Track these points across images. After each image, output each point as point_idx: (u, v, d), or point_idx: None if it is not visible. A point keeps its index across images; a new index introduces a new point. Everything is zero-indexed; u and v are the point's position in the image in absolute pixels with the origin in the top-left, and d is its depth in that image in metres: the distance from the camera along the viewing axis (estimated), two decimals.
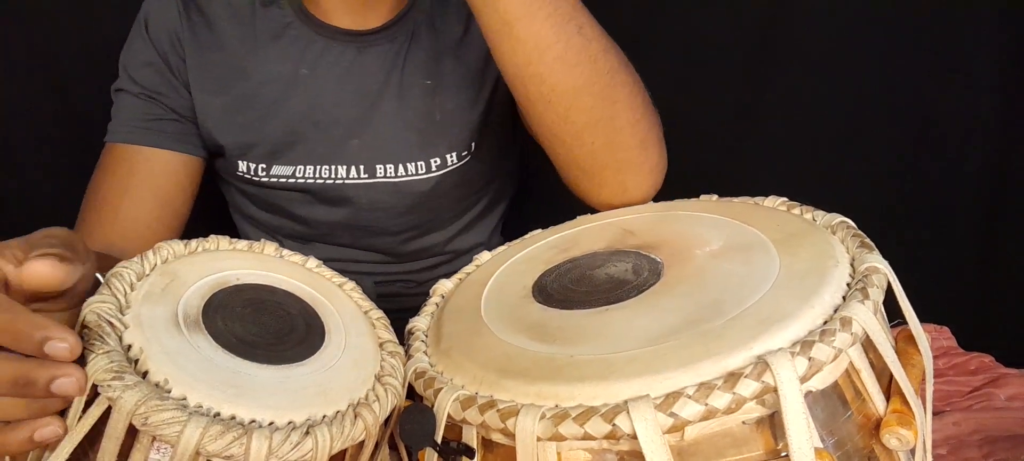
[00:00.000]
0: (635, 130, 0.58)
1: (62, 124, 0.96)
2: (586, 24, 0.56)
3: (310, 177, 0.76)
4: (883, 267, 0.40)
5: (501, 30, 0.54)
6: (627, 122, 0.58)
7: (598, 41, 0.56)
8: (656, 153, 0.61)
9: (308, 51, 0.75)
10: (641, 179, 0.60)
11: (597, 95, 0.56)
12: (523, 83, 0.56)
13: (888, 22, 0.98)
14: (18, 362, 0.34)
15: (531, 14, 0.53)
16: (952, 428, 0.78)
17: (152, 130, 0.74)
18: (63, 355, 0.34)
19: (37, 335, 0.34)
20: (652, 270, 0.46)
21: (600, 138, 0.58)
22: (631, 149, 0.59)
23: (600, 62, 0.56)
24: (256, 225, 0.84)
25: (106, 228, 0.71)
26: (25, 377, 0.34)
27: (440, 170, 0.78)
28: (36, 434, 0.35)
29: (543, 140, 0.61)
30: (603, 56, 0.56)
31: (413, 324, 0.50)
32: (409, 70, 0.76)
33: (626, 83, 0.58)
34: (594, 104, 0.56)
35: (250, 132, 0.75)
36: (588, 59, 0.55)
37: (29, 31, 0.93)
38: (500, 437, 0.38)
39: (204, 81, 0.75)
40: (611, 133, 0.57)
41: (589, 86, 0.55)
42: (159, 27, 0.75)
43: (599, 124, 0.57)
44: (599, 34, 0.56)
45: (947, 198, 1.03)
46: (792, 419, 0.33)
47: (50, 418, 0.36)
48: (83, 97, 0.92)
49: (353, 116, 0.75)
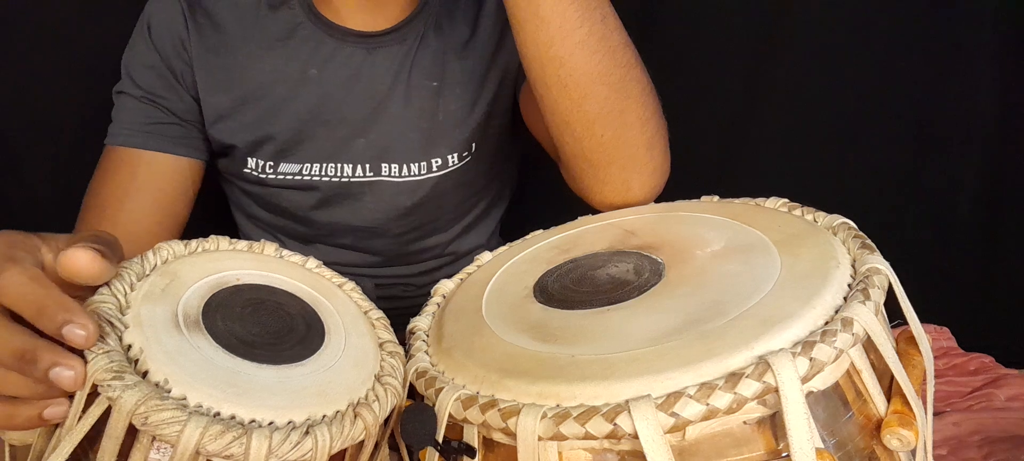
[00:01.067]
0: (644, 128, 0.59)
1: (62, 124, 0.96)
2: (609, 14, 0.57)
3: (317, 175, 0.77)
4: (884, 268, 0.40)
5: (527, 7, 0.55)
6: (637, 118, 0.58)
7: (619, 33, 0.57)
8: (661, 155, 0.62)
9: (318, 52, 0.75)
10: (644, 179, 0.60)
11: (612, 86, 0.56)
12: (542, 65, 0.57)
13: (888, 22, 0.98)
14: (27, 337, 0.35)
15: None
16: (952, 429, 0.78)
17: (153, 134, 0.74)
18: (78, 342, 0.35)
19: (61, 316, 0.35)
20: (653, 270, 0.46)
21: (610, 131, 0.58)
22: (638, 146, 0.59)
23: (619, 54, 0.56)
24: (259, 225, 0.84)
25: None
26: (30, 354, 0.35)
27: (441, 171, 0.78)
28: (45, 412, 0.36)
29: (553, 128, 0.61)
30: (622, 49, 0.57)
31: (414, 324, 0.50)
32: (416, 71, 0.76)
33: (640, 80, 0.58)
34: (609, 94, 0.56)
35: (259, 129, 0.75)
36: (608, 48, 0.56)
37: (29, 31, 0.93)
38: (501, 436, 0.38)
39: (212, 83, 0.75)
40: (621, 128, 0.58)
41: (606, 75, 0.56)
42: (162, 31, 0.75)
43: (611, 116, 0.57)
44: (620, 27, 0.57)
45: (947, 198, 1.03)
46: (793, 419, 0.33)
47: (61, 398, 0.36)
48: (84, 97, 0.92)
49: (360, 116, 0.76)
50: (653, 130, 0.60)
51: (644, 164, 0.60)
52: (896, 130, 1.02)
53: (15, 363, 0.35)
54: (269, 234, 0.83)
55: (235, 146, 0.76)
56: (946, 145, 1.02)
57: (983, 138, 1.01)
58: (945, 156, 1.02)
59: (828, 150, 1.04)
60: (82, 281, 0.38)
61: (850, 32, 1.00)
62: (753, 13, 1.01)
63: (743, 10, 1.01)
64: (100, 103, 0.77)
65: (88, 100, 0.82)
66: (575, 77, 0.56)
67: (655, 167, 0.61)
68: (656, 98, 0.61)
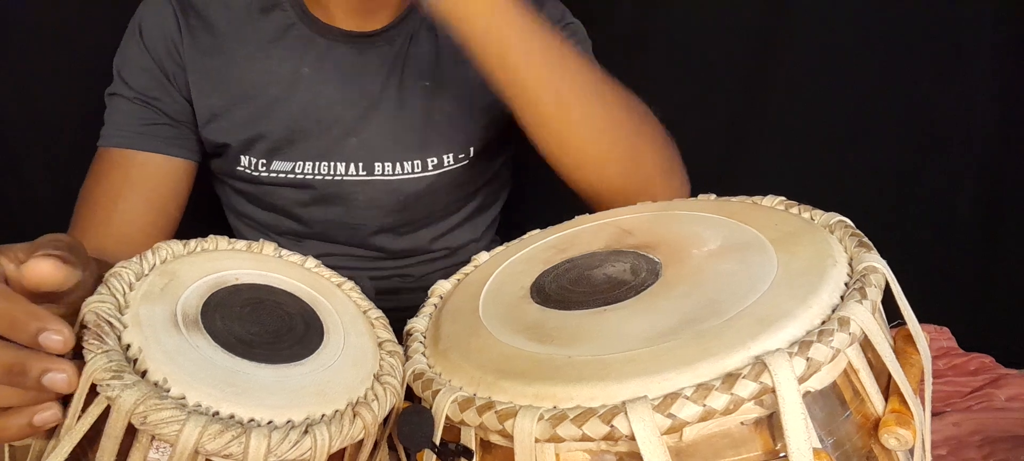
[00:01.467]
0: (657, 160, 0.66)
1: (62, 124, 0.96)
2: (607, 91, 0.64)
3: (309, 173, 0.77)
4: (881, 266, 0.40)
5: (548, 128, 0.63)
6: (649, 161, 0.65)
7: (620, 109, 0.64)
8: (679, 178, 0.67)
9: (310, 52, 0.76)
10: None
11: (620, 159, 0.64)
12: (557, 157, 0.65)
13: (888, 22, 0.98)
14: (13, 350, 0.35)
15: (576, 121, 0.62)
16: (952, 429, 0.78)
17: (146, 135, 0.74)
18: (56, 347, 0.35)
19: (33, 325, 0.35)
20: (650, 270, 0.46)
21: (620, 180, 0.64)
22: (653, 177, 0.65)
23: (625, 128, 0.64)
24: (251, 224, 0.84)
25: (99, 233, 0.71)
26: (19, 366, 0.35)
27: (437, 170, 0.78)
28: (35, 418, 0.36)
29: (565, 179, 0.67)
30: (625, 122, 0.64)
31: (411, 325, 0.50)
32: (408, 71, 0.76)
33: (643, 132, 0.65)
34: (618, 162, 0.64)
35: (252, 128, 0.76)
36: (613, 130, 0.64)
37: (29, 31, 0.93)
38: (498, 438, 0.38)
39: (205, 85, 0.75)
40: (634, 175, 0.65)
41: (612, 153, 0.64)
42: (154, 33, 0.75)
43: (621, 164, 0.64)
44: (618, 98, 0.64)
45: (947, 198, 1.03)
46: (790, 419, 0.33)
47: (49, 403, 0.36)
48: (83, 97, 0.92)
49: (353, 115, 0.76)
50: (664, 159, 0.65)
51: (662, 192, 0.64)
52: (896, 130, 1.02)
53: (7, 377, 0.35)
54: (262, 233, 0.83)
55: (228, 145, 0.76)
56: (946, 145, 1.02)
57: (983, 138, 1.01)
58: (945, 156, 1.02)
59: (828, 150, 1.04)
60: (49, 288, 0.38)
61: (850, 32, 1.00)
62: (753, 13, 1.01)
63: (743, 10, 1.01)
64: (100, 103, 0.77)
65: (88, 100, 0.82)
66: (589, 156, 0.64)
67: (675, 188, 0.66)
68: (656, 128, 0.66)
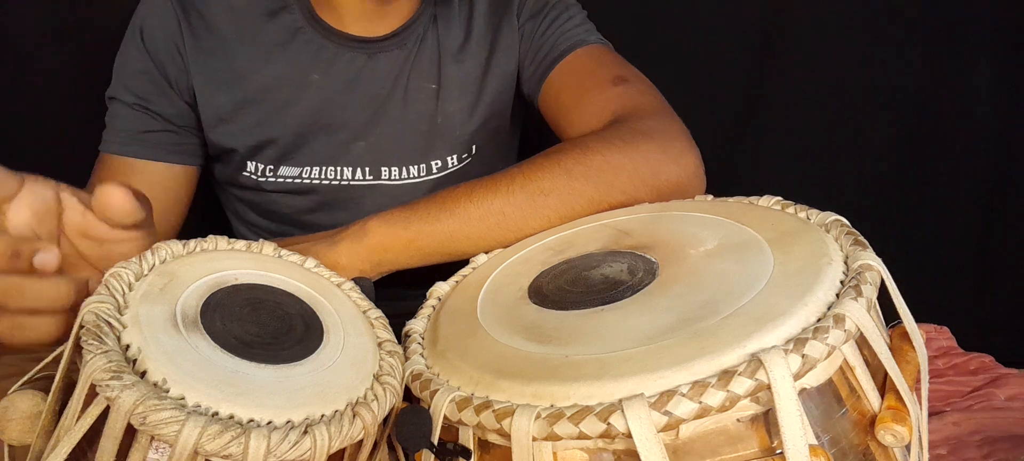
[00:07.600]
0: (656, 177, 0.61)
1: (62, 124, 0.96)
2: (547, 175, 0.59)
3: (316, 178, 0.77)
4: (876, 264, 0.40)
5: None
6: (643, 183, 0.61)
7: (576, 176, 0.59)
8: (693, 162, 0.63)
9: (319, 57, 0.75)
10: (685, 180, 0.62)
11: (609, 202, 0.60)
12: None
13: (888, 22, 0.98)
14: (7, 236, 0.39)
15: None
16: (952, 428, 0.78)
17: (146, 143, 0.74)
18: (51, 264, 0.39)
19: (26, 248, 0.39)
20: (647, 270, 0.46)
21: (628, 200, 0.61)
22: (664, 182, 0.61)
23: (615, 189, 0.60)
24: (255, 231, 0.84)
25: None
26: (14, 249, 0.39)
27: (441, 172, 0.78)
28: (36, 258, 0.39)
29: None
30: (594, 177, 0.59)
31: (410, 326, 0.50)
32: (415, 75, 0.76)
33: (637, 169, 0.60)
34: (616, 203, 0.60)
35: (260, 133, 0.75)
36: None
37: (29, 31, 0.93)
38: (496, 438, 0.38)
39: (211, 84, 0.75)
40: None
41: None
42: (155, 35, 0.74)
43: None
44: (567, 169, 0.59)
45: (947, 198, 1.03)
46: (786, 416, 0.33)
47: (48, 246, 0.40)
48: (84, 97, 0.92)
49: (361, 120, 0.76)
50: (653, 170, 0.61)
51: (678, 185, 0.61)
52: (896, 130, 1.02)
53: (4, 262, 0.38)
54: (266, 239, 0.83)
55: (235, 150, 0.76)
56: (946, 145, 1.02)
57: (983, 138, 1.01)
58: (945, 156, 1.02)
59: (828, 150, 1.04)
60: (117, 216, 0.41)
61: (850, 32, 1.00)
62: (753, 13, 1.01)
63: (743, 10, 1.01)
64: (100, 104, 0.77)
65: (88, 100, 0.82)
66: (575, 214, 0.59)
67: (691, 173, 0.63)
68: (634, 148, 0.62)
